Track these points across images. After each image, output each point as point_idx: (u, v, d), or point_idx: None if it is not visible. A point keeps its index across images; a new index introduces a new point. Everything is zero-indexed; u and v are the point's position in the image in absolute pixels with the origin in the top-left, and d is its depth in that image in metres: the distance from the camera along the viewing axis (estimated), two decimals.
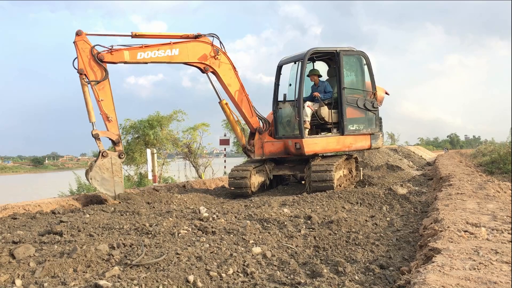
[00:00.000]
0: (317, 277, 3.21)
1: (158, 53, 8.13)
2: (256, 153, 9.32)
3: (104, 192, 7.71)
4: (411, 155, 22.29)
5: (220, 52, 8.69)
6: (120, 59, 7.95)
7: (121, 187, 7.91)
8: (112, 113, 7.87)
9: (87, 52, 7.68)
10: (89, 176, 7.64)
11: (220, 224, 5.08)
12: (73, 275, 3.35)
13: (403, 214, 5.92)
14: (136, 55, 7.99)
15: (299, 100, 8.69)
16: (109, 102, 7.84)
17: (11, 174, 77.03)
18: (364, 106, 9.10)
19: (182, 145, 18.13)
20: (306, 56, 8.78)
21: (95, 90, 7.70)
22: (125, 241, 4.26)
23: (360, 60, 9.30)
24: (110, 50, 7.84)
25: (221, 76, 8.85)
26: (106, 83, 7.80)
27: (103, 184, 7.69)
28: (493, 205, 5.15)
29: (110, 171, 7.75)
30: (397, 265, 3.49)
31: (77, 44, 7.64)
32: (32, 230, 5.33)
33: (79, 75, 7.64)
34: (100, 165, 7.67)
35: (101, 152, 7.72)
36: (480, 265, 2.75)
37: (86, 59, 7.67)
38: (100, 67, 7.75)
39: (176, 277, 3.19)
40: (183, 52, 8.36)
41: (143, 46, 8.02)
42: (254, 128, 9.41)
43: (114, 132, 7.95)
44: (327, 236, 4.48)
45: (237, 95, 9.06)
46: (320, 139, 8.93)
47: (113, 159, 7.79)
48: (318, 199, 7.05)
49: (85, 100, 7.68)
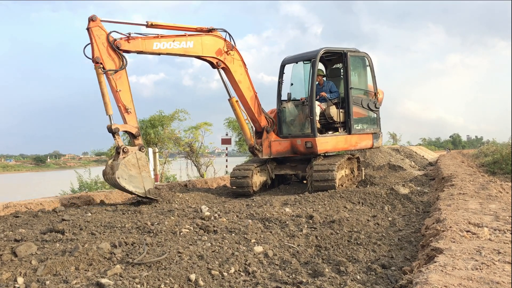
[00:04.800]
0: (318, 277, 3.21)
1: (173, 44, 7.75)
2: (264, 152, 9.19)
3: (133, 190, 7.20)
4: (413, 155, 22.23)
5: (233, 48, 8.52)
6: (137, 48, 7.50)
7: (150, 182, 7.44)
8: (130, 104, 7.39)
9: (103, 39, 7.13)
10: (116, 175, 6.96)
11: (221, 223, 5.08)
12: (75, 273, 3.36)
13: (405, 214, 5.91)
14: (152, 45, 7.58)
15: (312, 99, 8.72)
16: (127, 93, 7.37)
17: (13, 172, 77.23)
18: (368, 106, 9.35)
19: (184, 144, 18.14)
20: (318, 55, 8.81)
21: (113, 80, 7.18)
22: (127, 239, 4.27)
23: (364, 61, 9.52)
24: (128, 37, 7.36)
25: (232, 72, 8.61)
26: (123, 72, 7.32)
27: (131, 182, 7.14)
28: (495, 205, 5.14)
29: (137, 167, 7.23)
30: (399, 265, 3.48)
31: (91, 30, 7.05)
32: (34, 228, 5.34)
33: (95, 64, 7.09)
34: (126, 162, 7.10)
35: (122, 148, 7.18)
36: (482, 265, 2.74)
37: (102, 47, 7.13)
38: (117, 55, 7.25)
39: (177, 275, 3.20)
40: (197, 45, 8.08)
41: (160, 36, 7.62)
42: (262, 127, 9.28)
43: (133, 125, 7.48)
44: (329, 236, 4.47)
45: (247, 92, 8.89)
46: (330, 138, 9.01)
47: (138, 154, 7.27)
48: (320, 199, 7.05)
49: (101, 91, 7.12)
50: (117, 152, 7.31)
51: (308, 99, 8.83)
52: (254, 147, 9.17)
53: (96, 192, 8.99)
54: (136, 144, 7.45)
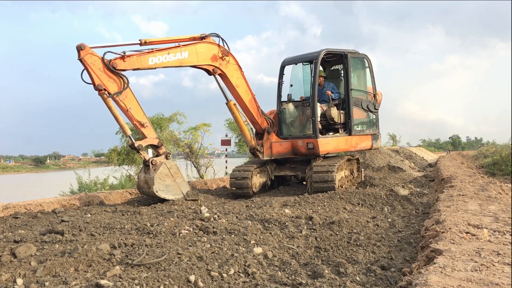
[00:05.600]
0: (318, 278, 3.21)
1: (168, 57, 7.72)
2: (265, 154, 9.13)
3: (173, 197, 7.56)
4: (413, 156, 22.24)
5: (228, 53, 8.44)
6: (133, 66, 7.41)
7: (186, 186, 7.84)
8: (144, 118, 7.52)
9: (98, 65, 7.03)
10: (154, 190, 7.32)
11: (221, 224, 5.08)
12: (74, 275, 3.36)
13: (405, 215, 5.91)
14: (147, 60, 7.52)
15: (313, 100, 8.74)
16: (137, 109, 7.45)
17: (13, 173, 77.20)
18: (367, 108, 9.43)
19: (183, 145, 18.14)
20: (320, 56, 8.83)
21: (120, 101, 7.23)
22: (126, 240, 4.27)
23: (363, 62, 9.59)
24: (123, 56, 7.28)
25: (229, 77, 8.55)
26: (128, 90, 7.31)
27: (169, 191, 7.54)
28: (495, 206, 5.14)
29: (170, 176, 7.58)
30: (398, 266, 3.48)
31: (84, 60, 6.93)
32: (34, 229, 5.34)
33: (99, 91, 7.05)
34: (159, 174, 7.42)
35: (150, 161, 7.50)
36: (482, 267, 2.74)
37: (100, 72, 7.03)
38: (116, 76, 7.18)
39: (177, 277, 3.19)
40: (192, 54, 8.01)
41: (154, 51, 7.56)
42: (262, 128, 9.24)
43: (153, 136, 7.68)
44: (328, 237, 4.47)
45: (245, 95, 8.84)
46: (331, 139, 9.04)
47: (168, 163, 7.61)
48: (319, 200, 7.05)
49: (114, 116, 7.24)
50: (145, 165, 7.62)
51: (310, 99, 8.84)
52: (255, 149, 9.11)
53: (96, 193, 8.99)
54: (161, 153, 7.71)
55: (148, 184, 7.47)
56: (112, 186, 15.04)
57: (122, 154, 16.53)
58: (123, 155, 16.50)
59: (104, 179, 15.41)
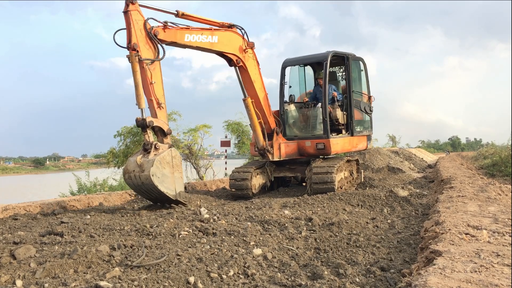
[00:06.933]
0: (318, 279, 3.20)
1: (202, 37, 7.48)
2: (275, 154, 9.00)
3: (165, 190, 6.63)
4: (412, 158, 22.24)
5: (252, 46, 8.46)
6: (171, 38, 7.07)
7: (181, 184, 6.99)
8: (162, 99, 6.91)
9: (140, 25, 6.61)
10: (150, 172, 6.34)
11: (221, 226, 5.08)
12: (74, 276, 3.35)
13: (404, 217, 5.92)
14: (184, 36, 7.22)
15: (325, 101, 8.86)
16: (160, 86, 6.91)
17: (12, 175, 77.10)
18: (364, 109, 9.75)
19: (183, 146, 18.13)
20: (329, 58, 8.91)
21: (148, 70, 6.68)
22: (125, 242, 4.26)
23: (360, 65, 9.86)
24: (164, 26, 6.91)
25: (249, 71, 8.47)
26: (158, 64, 6.87)
27: (163, 182, 6.57)
28: (494, 207, 5.14)
29: (171, 166, 6.72)
30: (398, 268, 3.48)
31: (130, 14, 6.50)
32: (33, 230, 5.33)
33: (131, 51, 6.51)
34: (161, 159, 6.55)
35: (154, 144, 6.64)
36: (481, 268, 2.74)
37: (140, 33, 6.61)
38: (153, 44, 6.79)
39: (176, 278, 3.19)
40: (222, 40, 7.90)
41: (190, 28, 7.31)
42: (271, 128, 9.15)
43: (165, 121, 7.03)
44: (328, 238, 4.47)
45: (260, 92, 8.77)
46: (339, 139, 9.18)
47: (173, 152, 6.81)
48: (319, 201, 7.05)
49: (135, 82, 6.54)
50: (144, 149, 6.73)
51: (322, 101, 9.01)
52: (266, 149, 8.89)
53: (95, 195, 8.98)
54: (165, 143, 6.98)
55: (142, 168, 6.47)
56: (112, 187, 15.05)
57: (120, 157, 16.50)
58: (121, 157, 16.48)
59: (103, 180, 15.42)
